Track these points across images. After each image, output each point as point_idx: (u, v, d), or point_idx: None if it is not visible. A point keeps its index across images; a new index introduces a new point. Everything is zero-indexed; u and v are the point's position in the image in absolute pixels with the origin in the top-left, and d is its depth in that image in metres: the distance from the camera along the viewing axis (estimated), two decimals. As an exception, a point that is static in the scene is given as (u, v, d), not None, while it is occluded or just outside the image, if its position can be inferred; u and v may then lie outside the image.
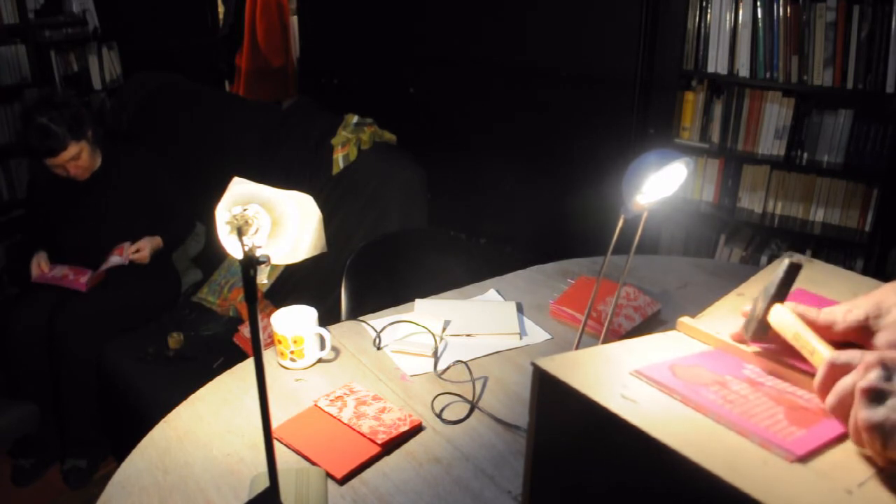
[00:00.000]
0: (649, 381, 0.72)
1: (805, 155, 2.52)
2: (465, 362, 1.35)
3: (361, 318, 1.50)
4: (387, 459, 1.11)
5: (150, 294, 2.57)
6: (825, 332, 0.73)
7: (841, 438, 0.65)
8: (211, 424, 1.18)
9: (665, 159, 1.04)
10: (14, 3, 3.39)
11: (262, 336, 0.95)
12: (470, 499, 1.03)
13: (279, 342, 1.33)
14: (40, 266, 2.47)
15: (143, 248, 2.49)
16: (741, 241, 2.72)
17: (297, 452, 1.12)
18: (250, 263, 0.83)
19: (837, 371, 0.65)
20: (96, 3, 3.73)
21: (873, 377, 0.59)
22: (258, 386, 0.86)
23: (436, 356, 1.37)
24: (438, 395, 1.26)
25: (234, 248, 0.87)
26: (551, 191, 2.97)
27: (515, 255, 3.01)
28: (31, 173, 2.82)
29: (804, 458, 0.62)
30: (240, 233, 0.85)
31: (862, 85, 2.32)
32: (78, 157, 2.38)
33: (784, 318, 0.75)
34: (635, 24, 2.53)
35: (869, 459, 0.62)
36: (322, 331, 1.35)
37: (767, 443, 0.63)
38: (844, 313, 0.73)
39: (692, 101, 2.65)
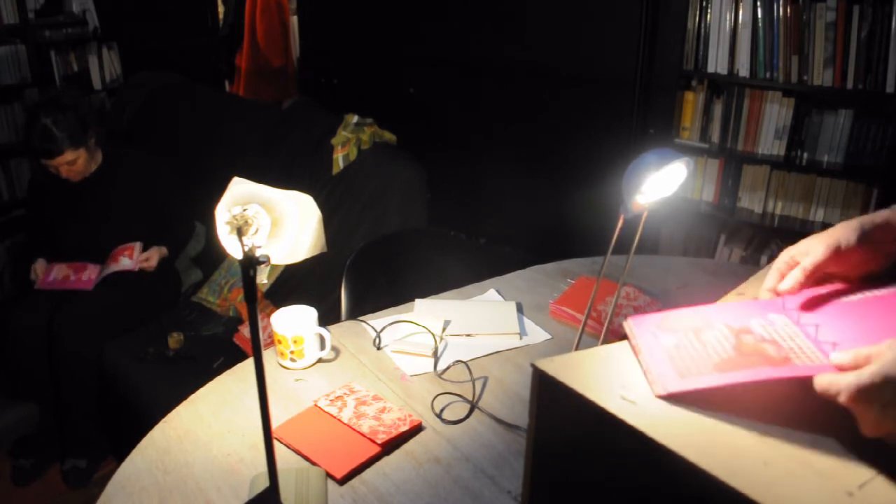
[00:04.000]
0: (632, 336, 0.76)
1: (805, 155, 2.52)
2: (465, 362, 1.35)
3: (361, 318, 1.50)
4: (387, 459, 1.11)
5: (150, 294, 2.57)
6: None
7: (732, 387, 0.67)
8: (211, 424, 1.18)
9: (665, 159, 1.04)
10: (14, 3, 3.39)
11: (262, 336, 0.95)
12: (470, 499, 1.03)
13: (279, 342, 1.33)
14: (38, 274, 2.47)
15: (151, 258, 2.51)
16: (741, 241, 2.72)
17: (297, 452, 1.12)
18: (250, 263, 0.83)
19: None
20: (96, 3, 3.73)
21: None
22: (258, 386, 0.86)
23: (436, 356, 1.37)
24: (438, 395, 1.26)
25: (234, 248, 0.87)
26: (551, 191, 2.96)
27: (515, 255, 3.01)
28: (32, 172, 2.83)
29: (669, 397, 0.66)
30: (240, 233, 0.85)
31: (862, 85, 2.32)
32: (73, 163, 2.38)
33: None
34: (635, 24, 2.53)
35: (869, 460, 0.62)
36: (322, 331, 1.35)
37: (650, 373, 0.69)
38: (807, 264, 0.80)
39: (692, 101, 2.65)
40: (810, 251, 0.80)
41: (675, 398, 0.68)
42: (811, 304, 0.78)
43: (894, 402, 0.60)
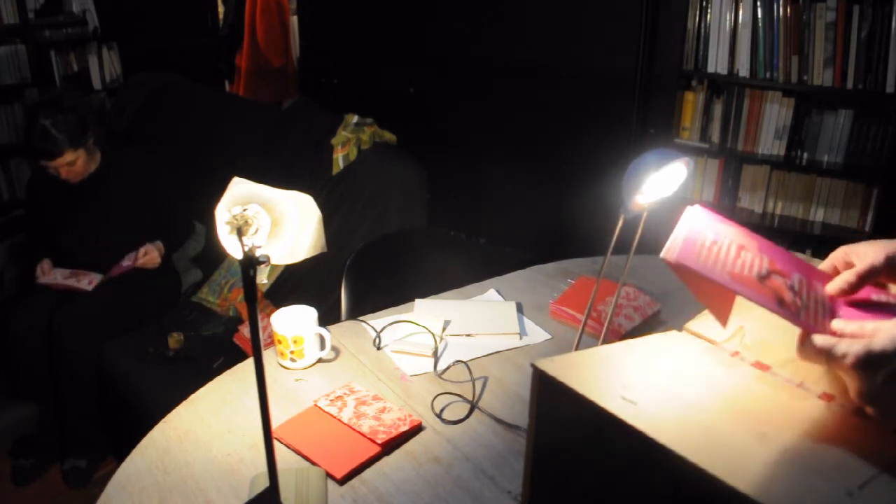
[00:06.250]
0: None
1: (805, 155, 2.52)
2: (465, 362, 1.35)
3: (361, 318, 1.50)
4: (387, 459, 1.11)
5: (150, 294, 2.57)
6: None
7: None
8: (211, 424, 1.18)
9: (665, 159, 1.04)
10: (14, 3, 3.39)
11: (262, 336, 0.95)
12: (470, 499, 1.03)
13: (279, 342, 1.33)
14: (44, 271, 2.47)
15: (150, 252, 2.49)
16: (741, 241, 2.72)
17: (297, 452, 1.12)
18: (250, 263, 0.83)
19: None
20: (96, 3, 3.73)
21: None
22: (258, 386, 0.86)
23: (436, 356, 1.37)
24: (438, 395, 1.26)
25: (234, 248, 0.87)
26: (551, 190, 2.96)
27: (515, 255, 3.01)
28: (32, 172, 2.83)
29: (674, 265, 0.70)
30: (240, 233, 0.85)
31: (862, 85, 2.32)
32: (73, 164, 2.38)
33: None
34: (635, 23, 2.53)
35: (869, 460, 0.62)
36: (322, 331, 1.35)
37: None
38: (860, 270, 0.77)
39: (692, 101, 2.65)
40: (868, 255, 0.77)
41: (678, 270, 0.70)
42: (859, 301, 0.77)
43: None
